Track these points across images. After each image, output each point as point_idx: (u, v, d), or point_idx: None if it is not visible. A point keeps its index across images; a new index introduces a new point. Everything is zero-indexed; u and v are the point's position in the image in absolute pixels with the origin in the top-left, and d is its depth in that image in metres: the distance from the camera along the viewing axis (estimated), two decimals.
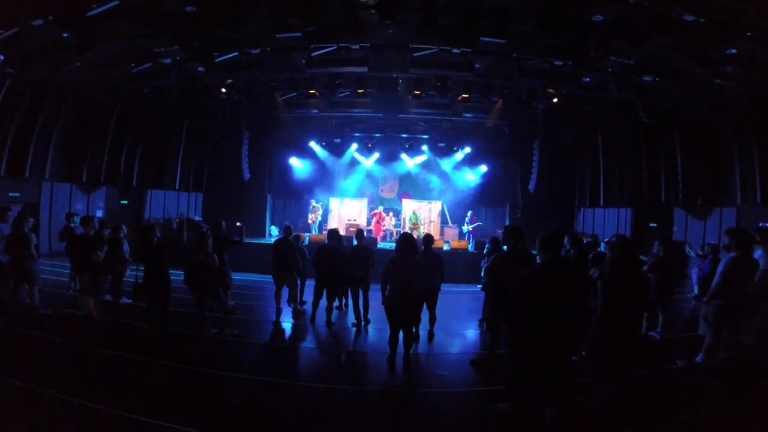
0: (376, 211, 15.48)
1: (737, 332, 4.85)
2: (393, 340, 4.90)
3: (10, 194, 11.30)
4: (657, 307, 6.06)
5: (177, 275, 5.76)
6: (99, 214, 13.26)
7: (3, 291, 6.39)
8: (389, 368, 4.82)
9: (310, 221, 15.22)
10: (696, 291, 9.11)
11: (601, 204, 15.22)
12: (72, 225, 7.56)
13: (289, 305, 7.08)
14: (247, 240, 12.54)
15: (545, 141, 14.33)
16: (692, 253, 9.81)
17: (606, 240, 8.55)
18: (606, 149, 14.95)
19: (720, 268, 4.66)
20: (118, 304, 6.93)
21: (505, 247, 5.06)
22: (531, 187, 14.72)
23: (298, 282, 7.36)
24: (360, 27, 7.40)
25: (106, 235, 7.11)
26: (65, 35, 7.75)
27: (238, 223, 7.26)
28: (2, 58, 8.37)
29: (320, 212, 15.76)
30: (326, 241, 6.95)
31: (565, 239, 7.17)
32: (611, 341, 3.67)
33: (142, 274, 5.76)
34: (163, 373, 4.49)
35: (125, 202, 14.52)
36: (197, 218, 15.04)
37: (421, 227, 14.88)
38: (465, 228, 14.77)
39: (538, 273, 3.31)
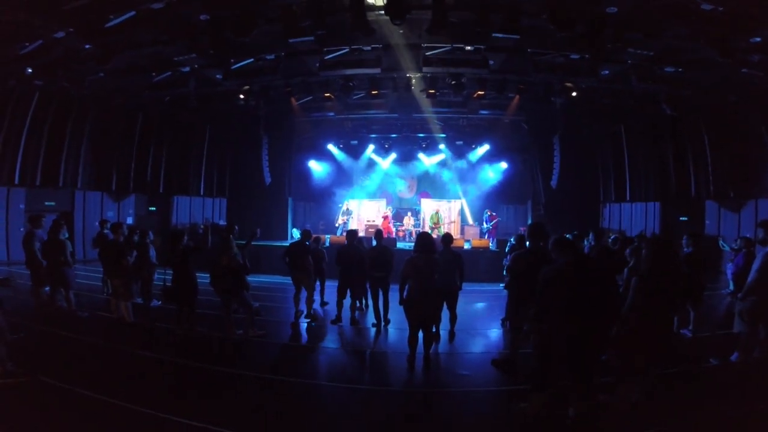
0: (383, 213, 15.50)
1: None
2: (412, 339, 4.89)
3: (46, 203, 11.94)
4: (688, 304, 5.82)
5: (203, 278, 5.94)
6: (129, 220, 13.81)
7: (40, 295, 6.74)
8: (409, 368, 4.82)
9: (341, 221, 15.29)
10: (731, 287, 8.69)
11: (627, 198, 14.72)
12: (105, 231, 7.92)
13: (306, 307, 7.16)
14: (269, 243, 12.97)
15: (566, 135, 14.01)
16: (726, 248, 9.36)
17: (635, 236, 8.30)
18: (629, 142, 14.46)
19: (756, 263, 4.45)
20: (148, 307, 7.20)
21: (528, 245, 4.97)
22: (553, 182, 14.41)
23: (318, 284, 7.46)
24: (371, 28, 7.43)
25: (135, 240, 7.40)
26: (87, 46, 8.12)
27: (257, 230, 7.37)
28: (30, 70, 8.82)
29: (350, 213, 15.72)
30: (345, 242, 7.03)
31: (590, 235, 7.01)
32: (641, 339, 3.55)
33: (170, 277, 5.96)
34: (191, 373, 4.63)
35: (153, 208, 15.08)
36: (222, 223, 15.44)
37: (442, 226, 14.80)
38: (484, 227, 14.59)
39: (564, 270, 3.24)
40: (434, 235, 8.55)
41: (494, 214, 14.71)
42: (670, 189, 13.14)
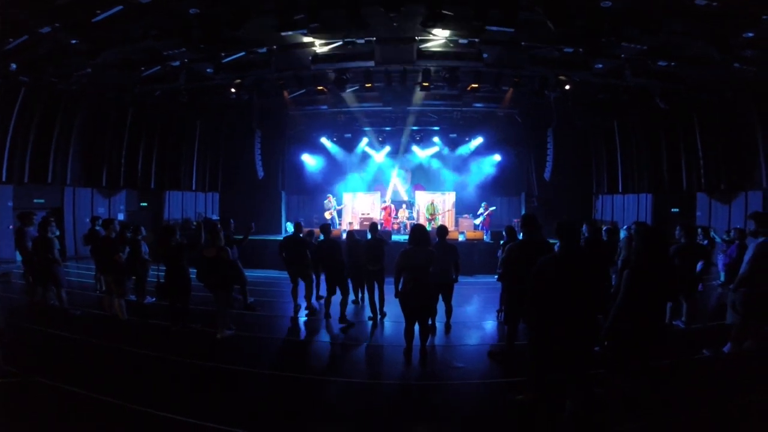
0: (385, 205, 15.48)
1: (766, 320, 4.68)
2: (408, 332, 4.91)
3: (35, 200, 11.74)
4: (681, 296, 5.90)
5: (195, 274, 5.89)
6: (120, 216, 13.65)
7: (32, 292, 6.65)
8: (405, 361, 4.84)
9: (328, 216, 15.30)
10: (722, 278, 8.82)
11: (620, 190, 14.86)
12: (97, 228, 7.81)
13: (306, 301, 7.15)
14: (264, 237, 12.91)
15: (559, 128, 14.05)
16: (717, 239, 9.49)
17: (625, 227, 8.38)
18: (622, 135, 14.56)
19: (747, 254, 4.51)
20: (142, 304, 7.14)
21: (520, 236, 5.00)
22: (546, 175, 14.48)
23: (314, 277, 7.43)
24: (365, 21, 7.34)
25: (128, 237, 7.31)
26: (74, 41, 7.95)
27: (252, 224, 7.35)
28: (14, 66, 8.62)
29: (334, 208, 15.70)
30: (321, 237, 6.95)
31: (584, 227, 7.06)
32: (633, 331, 3.58)
33: (163, 273, 5.90)
34: (185, 369, 4.61)
35: (145, 204, 14.90)
36: (215, 218, 15.32)
37: (438, 217, 14.83)
38: (477, 221, 14.65)
39: (556, 262, 3.25)
40: (433, 227, 8.52)
41: (488, 205, 14.78)
42: (662, 181, 13.28)
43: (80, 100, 11.98)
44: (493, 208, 14.96)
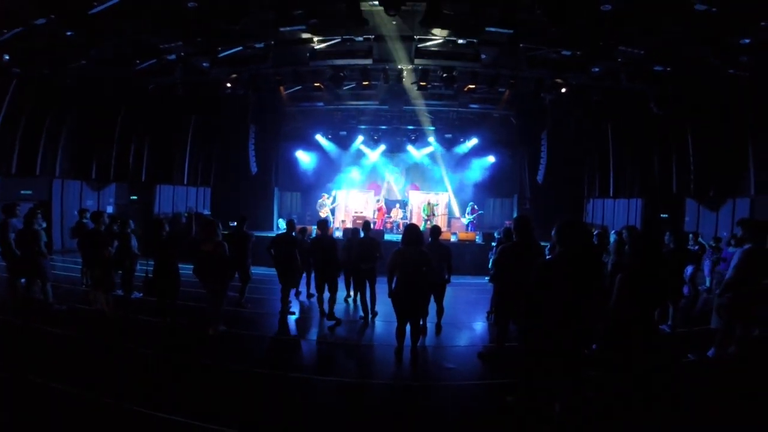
0: (379, 205, 15.49)
1: (750, 326, 4.76)
2: (400, 332, 4.90)
3: (22, 192, 11.50)
4: (667, 300, 5.97)
5: (186, 269, 5.80)
6: (109, 210, 13.45)
7: (16, 287, 6.50)
8: (396, 361, 4.84)
9: (323, 214, 15.25)
10: (707, 283, 8.97)
11: (611, 194, 15.01)
12: (84, 221, 7.67)
13: (296, 298, 7.10)
14: (255, 233, 12.75)
15: (554, 131, 14.16)
16: (706, 245, 9.64)
17: (615, 230, 8.47)
18: (616, 139, 14.69)
19: (734, 260, 4.58)
20: (129, 299, 7.03)
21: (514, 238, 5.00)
22: (539, 177, 14.59)
23: (303, 275, 7.35)
24: (364, 18, 7.31)
25: (115, 230, 7.19)
26: (69, 33, 7.81)
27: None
28: (7, 57, 8.44)
29: (329, 206, 15.64)
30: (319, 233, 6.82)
31: None
32: (626, 333, 3.62)
33: (152, 268, 5.81)
34: (172, 366, 4.56)
35: (135, 197, 14.69)
36: (206, 212, 15.18)
37: (438, 217, 14.91)
38: (466, 218, 14.76)
39: (557, 265, 3.23)
40: (428, 227, 8.51)
41: (476, 207, 14.90)
42: (653, 186, 13.44)
43: (73, 93, 11.77)
44: (481, 212, 15.08)
